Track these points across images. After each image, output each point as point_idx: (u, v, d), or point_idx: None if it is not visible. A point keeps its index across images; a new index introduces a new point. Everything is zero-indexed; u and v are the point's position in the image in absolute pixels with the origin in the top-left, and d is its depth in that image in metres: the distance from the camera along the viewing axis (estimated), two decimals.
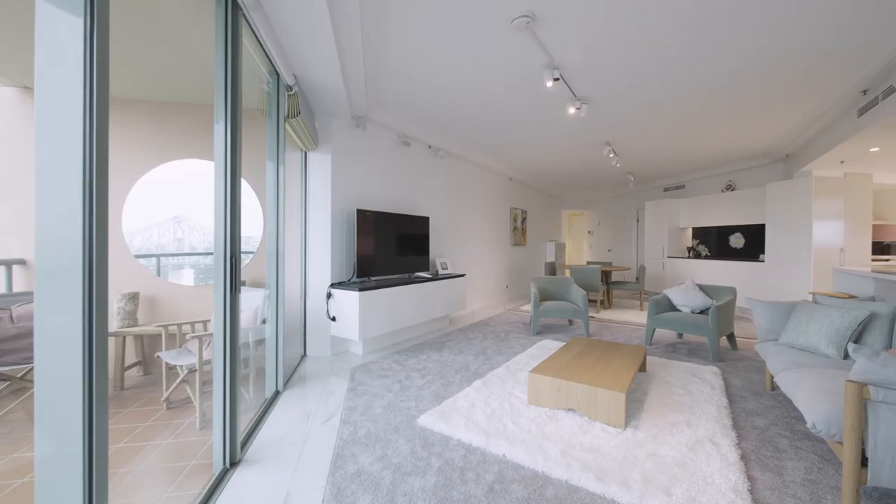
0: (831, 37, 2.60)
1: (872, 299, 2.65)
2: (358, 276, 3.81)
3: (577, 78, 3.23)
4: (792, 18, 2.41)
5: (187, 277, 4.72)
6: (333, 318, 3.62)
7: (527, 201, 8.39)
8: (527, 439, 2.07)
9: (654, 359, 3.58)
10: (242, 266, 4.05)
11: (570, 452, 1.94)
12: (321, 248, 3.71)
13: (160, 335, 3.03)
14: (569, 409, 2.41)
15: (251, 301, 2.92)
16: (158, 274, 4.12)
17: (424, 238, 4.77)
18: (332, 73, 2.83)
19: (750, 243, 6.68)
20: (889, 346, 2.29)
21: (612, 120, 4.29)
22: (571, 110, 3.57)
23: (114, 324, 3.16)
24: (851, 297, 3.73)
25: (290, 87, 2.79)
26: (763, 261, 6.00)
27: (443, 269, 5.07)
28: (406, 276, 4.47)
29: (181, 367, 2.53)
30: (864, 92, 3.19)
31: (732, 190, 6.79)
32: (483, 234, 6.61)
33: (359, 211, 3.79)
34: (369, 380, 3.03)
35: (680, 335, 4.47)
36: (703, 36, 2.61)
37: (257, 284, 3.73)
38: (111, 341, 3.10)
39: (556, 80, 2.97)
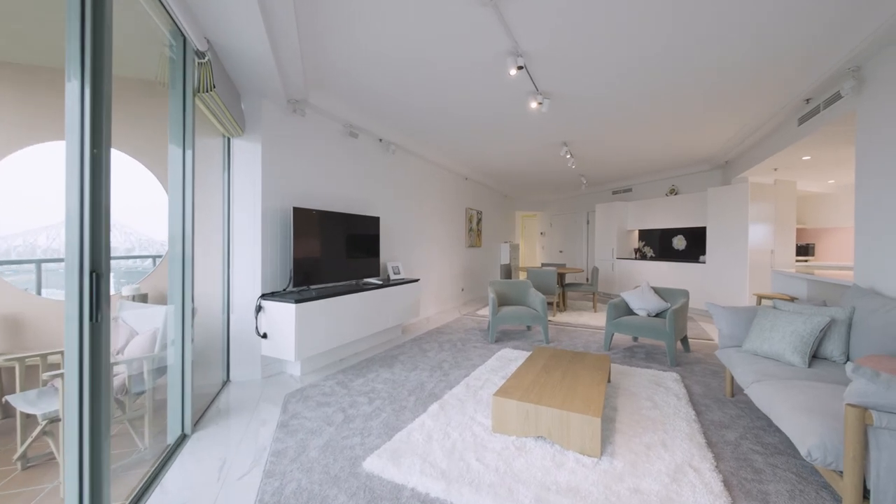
0: (788, 43, 2.60)
1: (824, 303, 2.68)
2: (295, 285, 3.28)
3: (541, 69, 2.99)
4: (760, 23, 2.34)
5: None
6: (264, 336, 3.07)
7: (482, 202, 8.20)
8: (494, 482, 1.75)
9: (616, 366, 3.46)
10: (148, 275, 3.36)
11: (545, 497, 1.64)
12: (249, 253, 3.14)
13: (15, 369, 2.31)
14: (538, 437, 2.13)
15: (150, 321, 2.32)
16: (39, 286, 3.27)
17: (374, 240, 4.33)
18: (257, 41, 2.32)
19: (691, 245, 7.01)
20: (847, 352, 2.28)
21: (572, 119, 4.15)
22: (533, 104, 3.34)
23: None
24: (793, 298, 3.90)
25: (201, 54, 2.24)
26: (703, 262, 6.28)
27: (395, 273, 4.66)
28: (353, 283, 3.99)
29: (39, 414, 1.89)
30: (808, 101, 3.31)
31: (676, 194, 7.09)
32: (438, 236, 6.28)
33: (296, 210, 3.26)
34: (306, 410, 2.55)
35: (635, 338, 4.46)
36: (671, 36, 2.48)
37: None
38: None
39: (521, 68, 2.70)
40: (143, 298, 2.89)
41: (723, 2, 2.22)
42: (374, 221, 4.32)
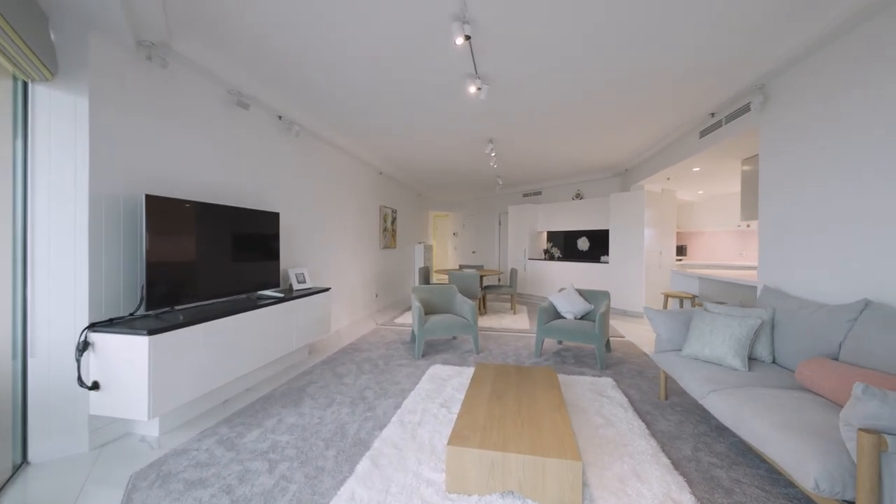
0: (711, 56, 2.68)
1: (740, 305, 2.84)
2: (150, 307, 2.29)
3: (485, 45, 2.59)
4: (689, 34, 2.32)
5: None
6: (94, 386, 2.04)
7: (397, 199, 7.62)
8: None
9: None
10: None
11: None
12: (67, 261, 2.06)
13: None
14: (506, 492, 1.70)
15: None
16: None
17: (272, 241, 3.44)
18: None
19: (593, 246, 7.53)
20: (773, 352, 2.39)
21: (504, 112, 3.88)
22: (472, 89, 2.94)
23: None
24: (694, 296, 4.26)
25: None
26: (603, 261, 6.76)
27: (299, 282, 3.82)
28: (243, 297, 3.07)
29: None
30: (713, 114, 3.58)
31: (581, 198, 7.55)
32: (350, 236, 5.51)
33: (151, 199, 2.28)
34: (166, 500, 1.69)
35: (559, 340, 4.43)
36: (615, 32, 2.32)
37: None
38: None
39: (468, 38, 2.26)
40: None
41: (656, 10, 2.13)
42: (273, 218, 3.44)
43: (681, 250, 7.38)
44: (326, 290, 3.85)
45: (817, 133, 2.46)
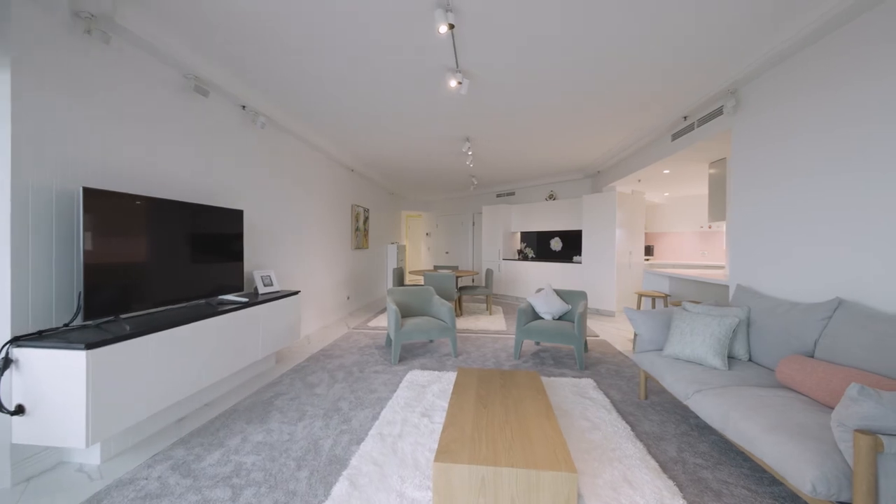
0: (695, 57, 2.71)
1: (715, 303, 2.90)
2: (89, 317, 2.00)
3: (467, 37, 2.48)
4: (675, 34, 2.33)
5: None
6: (18, 410, 1.74)
7: (369, 198, 7.38)
8: None
9: None
10: None
11: None
12: None
13: None
14: None
15: None
16: None
17: (235, 241, 3.16)
18: None
19: (566, 246, 7.63)
20: (749, 350, 2.44)
21: (482, 109, 3.80)
22: (453, 83, 2.82)
23: None
24: (666, 295, 4.36)
25: None
26: (575, 261, 6.85)
27: (265, 285, 3.55)
28: (202, 303, 2.80)
29: None
30: (685, 118, 3.67)
31: (554, 199, 7.62)
32: (320, 236, 5.24)
33: (90, 192, 1.99)
34: None
35: (537, 342, 4.41)
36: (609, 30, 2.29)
37: None
38: None
39: (451, 27, 2.14)
40: None
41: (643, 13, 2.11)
42: (236, 216, 3.16)
43: (648, 250, 7.63)
44: (296, 293, 3.60)
45: (789, 134, 2.54)
